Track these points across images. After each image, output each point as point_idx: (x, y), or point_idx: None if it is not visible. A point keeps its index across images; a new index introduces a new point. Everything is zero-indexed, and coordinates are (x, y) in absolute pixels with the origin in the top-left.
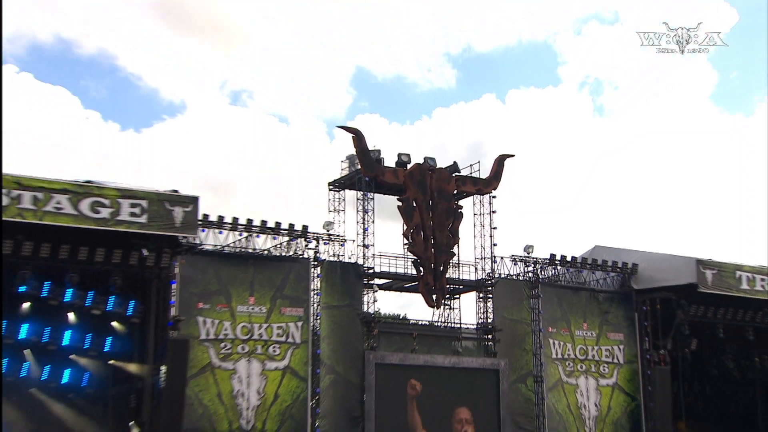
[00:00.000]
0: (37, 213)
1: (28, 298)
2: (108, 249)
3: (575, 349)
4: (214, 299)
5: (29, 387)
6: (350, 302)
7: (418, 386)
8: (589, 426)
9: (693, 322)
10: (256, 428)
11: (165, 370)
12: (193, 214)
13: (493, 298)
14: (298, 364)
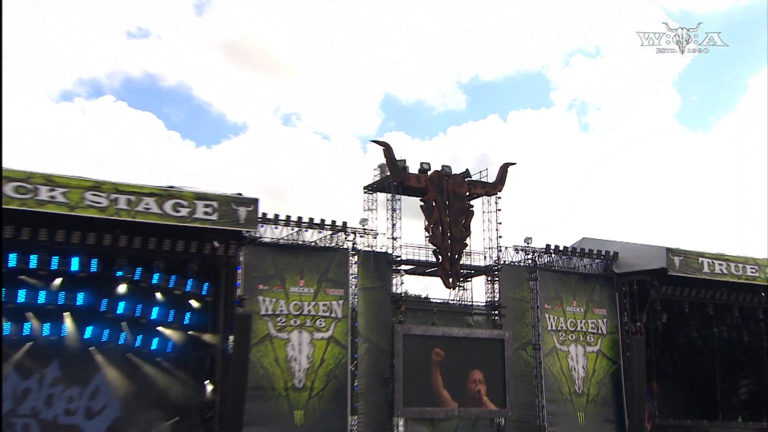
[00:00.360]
0: (130, 212)
1: (124, 280)
2: (186, 241)
3: (567, 322)
4: (271, 282)
5: (126, 352)
6: (382, 284)
7: (441, 353)
8: (578, 385)
9: (663, 300)
10: (306, 386)
11: (233, 339)
12: (254, 213)
13: (498, 280)
14: (339, 335)
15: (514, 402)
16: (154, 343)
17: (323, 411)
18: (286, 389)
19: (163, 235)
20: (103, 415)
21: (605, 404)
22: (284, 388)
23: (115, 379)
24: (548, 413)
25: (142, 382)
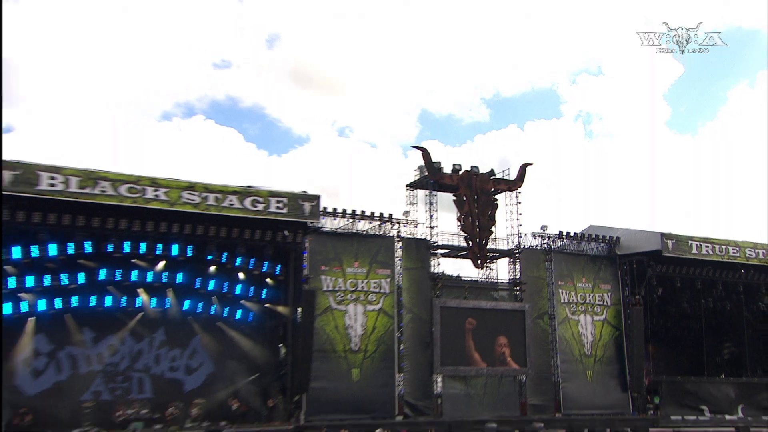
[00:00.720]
0: (218, 207)
1: (213, 263)
2: (262, 231)
3: (577, 296)
4: (331, 263)
5: (216, 321)
6: (422, 265)
7: (474, 322)
8: (587, 348)
9: (659, 277)
10: (360, 349)
11: (300, 311)
12: (316, 207)
13: (519, 261)
14: (388, 307)
15: (533, 362)
16: (238, 313)
17: (375, 369)
18: (344, 351)
19: (244, 225)
20: (199, 371)
21: (610, 364)
22: (343, 351)
23: (208, 342)
24: (562, 371)
25: (229, 345)
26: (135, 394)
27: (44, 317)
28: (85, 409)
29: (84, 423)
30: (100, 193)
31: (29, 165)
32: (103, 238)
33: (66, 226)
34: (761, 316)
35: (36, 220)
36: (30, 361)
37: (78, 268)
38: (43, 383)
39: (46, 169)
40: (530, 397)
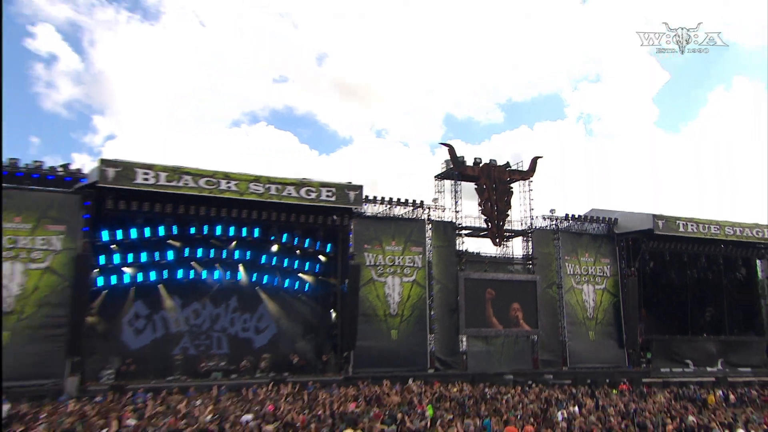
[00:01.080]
0: (278, 196)
1: (276, 242)
2: (315, 215)
3: (581, 268)
4: (372, 242)
5: (279, 291)
6: (448, 244)
7: (492, 292)
8: (589, 312)
9: (651, 252)
10: (398, 314)
11: (347, 282)
12: (359, 195)
13: (531, 240)
14: (420, 279)
15: (543, 324)
16: (296, 284)
17: (410, 331)
18: (384, 316)
19: (300, 211)
20: (266, 332)
21: (608, 325)
22: (383, 315)
23: (272, 308)
24: (568, 332)
25: (290, 310)
26: (215, 349)
27: (142, 287)
28: (175, 362)
29: (175, 373)
30: (184, 186)
31: (127, 163)
32: (186, 223)
33: (157, 213)
34: (738, 285)
35: (134, 209)
36: (132, 321)
37: (167, 247)
38: (143, 340)
39: (141, 166)
40: (541, 353)
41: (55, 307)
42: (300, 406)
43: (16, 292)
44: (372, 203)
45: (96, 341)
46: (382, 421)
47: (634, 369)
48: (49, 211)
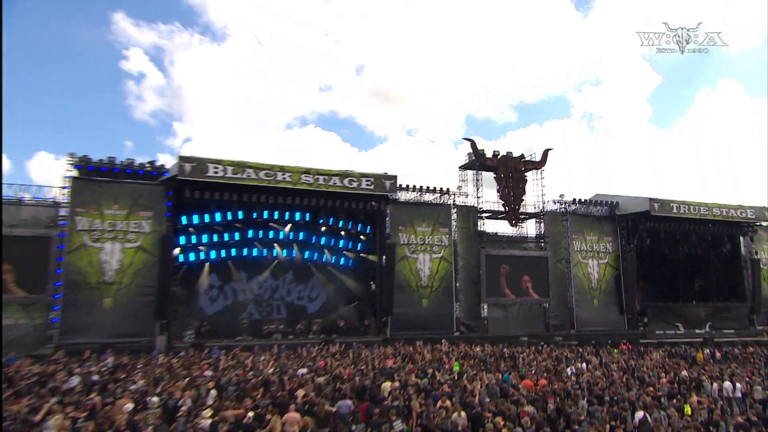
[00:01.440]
0: (326, 185)
1: (324, 225)
2: (357, 201)
3: (587, 245)
4: (405, 225)
5: (327, 266)
6: (471, 225)
7: (507, 268)
8: (593, 283)
9: (647, 230)
10: (428, 285)
11: (385, 258)
12: (394, 184)
13: (543, 221)
14: (447, 255)
15: (553, 294)
16: (342, 260)
17: (439, 299)
18: (417, 287)
19: (344, 198)
20: (317, 300)
21: (610, 294)
22: (416, 286)
23: (322, 280)
24: (575, 300)
25: (337, 282)
26: (275, 315)
27: (215, 263)
28: (243, 325)
29: (242, 334)
30: (247, 177)
31: (201, 159)
32: (249, 208)
33: (225, 200)
34: (724, 259)
35: (206, 197)
36: (207, 291)
37: (234, 229)
38: (216, 306)
39: (211, 161)
40: (552, 318)
41: (146, 279)
42: (346, 362)
43: (116, 267)
44: (405, 191)
45: (179, 307)
46: (416, 374)
47: (632, 331)
48: (140, 200)
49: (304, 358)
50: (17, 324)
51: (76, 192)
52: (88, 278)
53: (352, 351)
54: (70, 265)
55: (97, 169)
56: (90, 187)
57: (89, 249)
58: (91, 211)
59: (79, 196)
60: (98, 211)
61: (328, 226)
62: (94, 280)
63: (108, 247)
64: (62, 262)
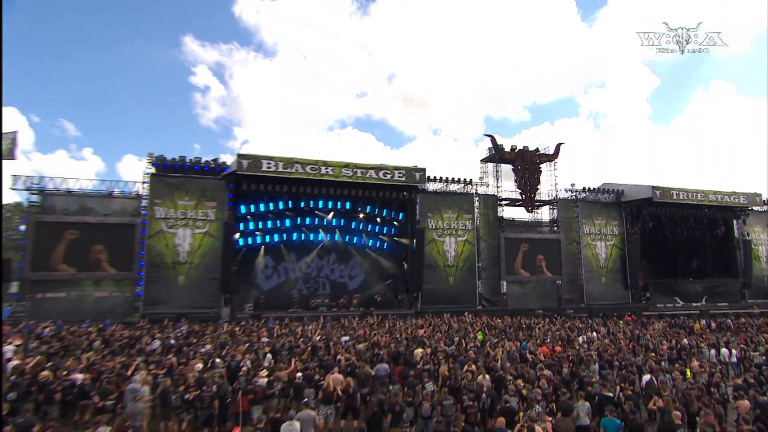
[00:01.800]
0: (363, 177)
1: (362, 212)
2: (390, 191)
3: (595, 229)
4: (434, 211)
5: (365, 248)
6: (492, 212)
7: (526, 247)
8: (601, 262)
9: (650, 215)
10: (454, 264)
11: (415, 241)
12: (423, 176)
13: (556, 207)
14: (471, 238)
15: (566, 272)
16: (378, 243)
17: (463, 277)
18: (443, 266)
19: (379, 188)
20: (356, 278)
21: (616, 272)
22: (443, 266)
23: (361, 261)
24: (584, 277)
25: (373, 262)
26: (320, 291)
27: (269, 246)
28: (293, 299)
29: (293, 306)
30: (295, 171)
31: (256, 156)
32: (297, 198)
33: (277, 191)
34: (718, 240)
35: (261, 189)
36: (263, 270)
37: (285, 216)
38: (271, 283)
39: (265, 158)
40: (564, 293)
41: (212, 260)
42: (382, 331)
43: (187, 249)
44: (432, 182)
45: (240, 283)
46: (444, 342)
47: (635, 305)
48: (206, 192)
49: (346, 327)
50: (111, 296)
51: (154, 186)
52: (166, 259)
53: (387, 322)
54: (150, 247)
55: (171, 166)
56: (165, 182)
57: (166, 234)
58: (167, 202)
59: (156, 189)
60: (172, 202)
61: (365, 213)
62: (170, 261)
63: (181, 233)
64: (144, 245)
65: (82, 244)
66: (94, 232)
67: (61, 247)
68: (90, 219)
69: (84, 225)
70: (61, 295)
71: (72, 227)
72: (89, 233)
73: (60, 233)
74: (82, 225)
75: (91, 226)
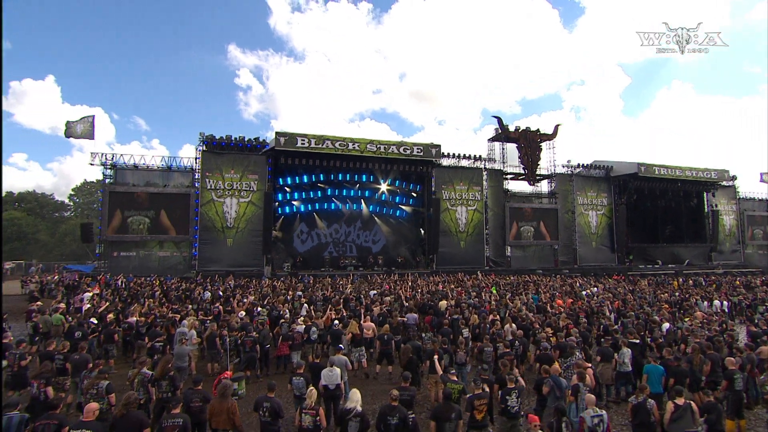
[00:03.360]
0: (386, 153)
1: (384, 184)
2: (409, 165)
3: (587, 200)
4: (447, 184)
5: (388, 217)
6: (498, 184)
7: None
8: (592, 229)
9: (635, 188)
10: (465, 230)
11: (432, 210)
12: (439, 151)
13: (554, 181)
14: (479, 207)
15: (561, 237)
16: (398, 212)
17: (472, 241)
18: (456, 232)
19: (400, 163)
20: (378, 243)
21: (604, 237)
22: (455, 231)
23: (383, 228)
24: (578, 242)
25: (394, 229)
26: (348, 253)
27: (303, 214)
28: (325, 260)
29: (326, 265)
30: (326, 147)
31: (292, 134)
32: (328, 172)
33: (310, 165)
34: (691, 211)
35: (296, 163)
36: (299, 235)
37: (317, 188)
38: (305, 246)
39: (299, 136)
40: (560, 256)
41: (255, 225)
42: (406, 285)
43: (233, 216)
44: (446, 157)
45: (279, 246)
46: (463, 295)
47: (621, 266)
48: (249, 166)
49: (372, 282)
50: (172, 255)
51: (205, 161)
52: (216, 224)
53: (409, 278)
54: (203, 214)
55: (219, 144)
56: (214, 157)
57: (215, 203)
58: (216, 175)
59: (207, 164)
60: (220, 175)
61: (387, 185)
62: (220, 226)
63: (228, 202)
64: (198, 212)
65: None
66: (156, 200)
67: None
68: (153, 189)
69: (148, 195)
70: (132, 254)
71: (138, 195)
72: (153, 202)
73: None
74: (147, 194)
75: (154, 196)
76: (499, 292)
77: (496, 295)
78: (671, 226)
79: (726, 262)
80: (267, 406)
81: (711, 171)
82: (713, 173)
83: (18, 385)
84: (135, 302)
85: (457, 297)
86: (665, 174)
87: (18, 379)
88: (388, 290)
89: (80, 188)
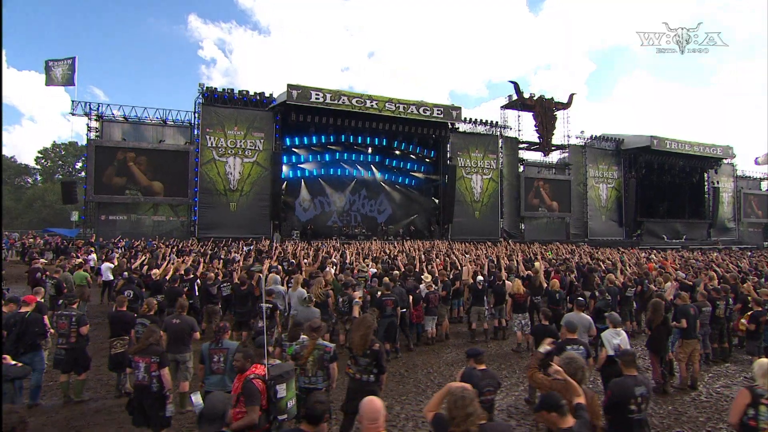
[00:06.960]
0: (405, 113)
1: (398, 148)
2: (426, 128)
3: (599, 172)
4: (463, 150)
5: (397, 184)
6: (514, 153)
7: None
8: (603, 202)
9: (646, 162)
10: (480, 200)
11: (447, 178)
12: (459, 114)
13: (568, 152)
14: (494, 176)
15: (573, 210)
16: (410, 180)
17: (487, 211)
18: (471, 201)
19: (417, 124)
20: (384, 212)
21: (614, 210)
22: (470, 201)
23: (393, 195)
24: (588, 215)
25: (404, 197)
26: (353, 222)
27: (309, 179)
28: (331, 228)
29: (333, 235)
30: (342, 103)
31: (305, 87)
32: (341, 132)
33: (322, 124)
34: (693, 187)
35: (308, 120)
36: (302, 203)
37: (328, 151)
38: (309, 214)
39: (314, 89)
40: (572, 229)
41: (261, 188)
42: (420, 249)
43: (237, 177)
44: (464, 122)
45: (288, 213)
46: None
47: (628, 240)
48: (254, 123)
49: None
50: (168, 220)
51: (205, 116)
52: (218, 186)
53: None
54: (203, 175)
55: (221, 96)
56: (215, 111)
57: (217, 162)
58: (217, 131)
59: (207, 119)
60: (222, 132)
61: (401, 150)
62: (222, 188)
63: (231, 161)
64: (198, 172)
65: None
66: (149, 157)
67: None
68: (146, 145)
69: (140, 150)
70: (122, 218)
71: (129, 152)
72: (146, 159)
73: (118, 158)
74: (138, 150)
75: (146, 152)
76: (553, 254)
77: (514, 261)
78: (671, 201)
79: (722, 239)
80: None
81: (717, 147)
82: (719, 149)
83: (77, 366)
84: (167, 262)
85: (477, 259)
86: (677, 149)
87: (76, 357)
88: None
89: (50, 150)
